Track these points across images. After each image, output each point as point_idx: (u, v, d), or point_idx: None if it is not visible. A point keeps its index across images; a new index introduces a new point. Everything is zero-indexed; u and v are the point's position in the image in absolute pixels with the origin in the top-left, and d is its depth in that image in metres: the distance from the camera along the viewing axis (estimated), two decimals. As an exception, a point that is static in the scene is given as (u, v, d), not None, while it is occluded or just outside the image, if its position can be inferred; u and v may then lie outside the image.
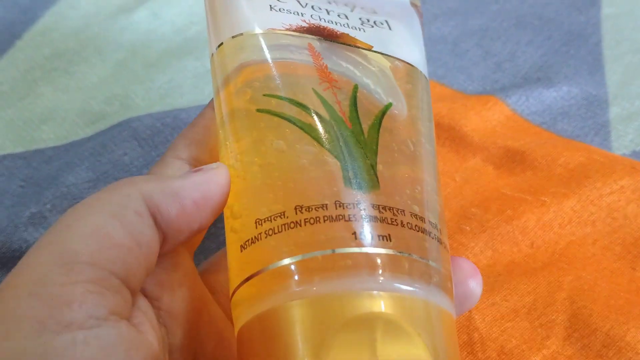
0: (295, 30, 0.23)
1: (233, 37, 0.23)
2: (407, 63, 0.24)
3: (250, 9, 0.23)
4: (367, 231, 0.19)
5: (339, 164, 0.20)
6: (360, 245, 0.19)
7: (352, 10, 0.25)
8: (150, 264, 0.20)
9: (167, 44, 0.46)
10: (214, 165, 0.21)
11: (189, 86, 0.43)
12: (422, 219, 0.20)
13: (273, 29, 0.23)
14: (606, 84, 0.42)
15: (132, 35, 0.47)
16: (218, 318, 0.23)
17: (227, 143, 0.22)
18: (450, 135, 0.37)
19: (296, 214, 0.19)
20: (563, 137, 0.38)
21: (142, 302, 0.20)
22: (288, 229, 0.19)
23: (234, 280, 0.20)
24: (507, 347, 0.27)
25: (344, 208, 0.19)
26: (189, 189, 0.20)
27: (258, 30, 0.23)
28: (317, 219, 0.19)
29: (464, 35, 0.46)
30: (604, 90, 0.41)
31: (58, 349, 0.16)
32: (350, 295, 0.18)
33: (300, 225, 0.19)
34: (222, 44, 0.23)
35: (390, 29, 0.25)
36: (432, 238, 0.20)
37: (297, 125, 0.21)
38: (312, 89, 0.22)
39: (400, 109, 0.23)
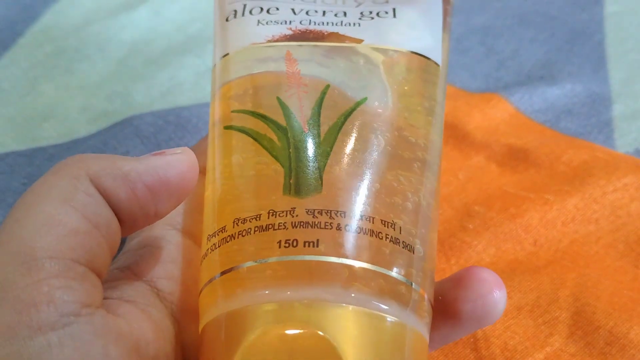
0: (277, 40, 0.23)
1: (222, 57, 0.23)
2: (407, 51, 0.23)
3: (239, 28, 0.24)
4: (292, 239, 0.18)
5: (283, 171, 0.20)
6: (284, 254, 0.18)
7: (358, 5, 0.25)
8: (113, 243, 0.19)
9: (168, 42, 0.46)
10: (178, 149, 0.20)
11: (191, 84, 0.43)
12: (371, 220, 0.19)
13: (254, 44, 0.23)
14: (609, 81, 0.41)
15: (133, 33, 0.47)
16: None
17: (208, 162, 0.22)
18: (453, 133, 0.37)
19: (233, 227, 0.19)
20: (566, 135, 0.38)
21: (134, 292, 0.20)
22: (225, 242, 0.19)
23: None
24: (510, 343, 0.27)
25: (276, 217, 0.19)
26: (142, 173, 0.19)
27: (240, 48, 0.23)
28: (249, 230, 0.19)
29: (467, 32, 0.46)
30: (607, 88, 0.41)
31: (33, 354, 0.16)
32: (258, 309, 0.18)
33: (235, 238, 0.19)
34: (215, 65, 0.24)
35: (394, 16, 0.24)
36: (382, 239, 0.19)
37: (253, 138, 0.21)
38: (277, 97, 0.21)
39: (381, 102, 0.22)
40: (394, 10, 0.24)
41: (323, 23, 0.24)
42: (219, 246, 0.19)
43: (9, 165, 0.37)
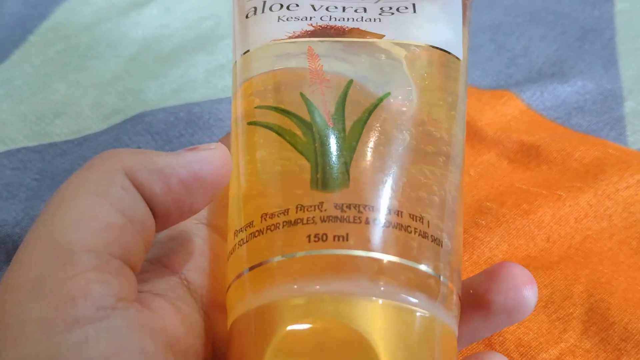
0: (298, 37, 0.23)
1: (242, 54, 0.23)
2: (428, 46, 0.23)
3: (259, 25, 0.24)
4: (322, 233, 0.18)
5: (309, 166, 0.20)
6: (313, 248, 0.18)
7: (377, 1, 0.25)
8: (148, 239, 0.19)
9: (179, 39, 0.47)
10: (212, 145, 0.20)
11: (201, 81, 0.43)
12: (399, 214, 0.19)
13: (275, 40, 0.23)
14: (621, 78, 0.41)
15: (145, 31, 0.47)
16: None
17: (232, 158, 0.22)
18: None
19: (261, 222, 0.19)
20: (578, 132, 0.38)
21: (164, 285, 0.20)
22: (253, 237, 0.19)
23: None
24: (524, 339, 0.27)
25: (304, 211, 0.19)
26: (176, 167, 0.19)
27: (260, 45, 0.23)
28: (277, 225, 0.19)
29: (478, 30, 0.46)
30: (618, 84, 0.41)
31: (70, 348, 0.16)
32: (288, 303, 0.18)
33: (263, 233, 0.19)
34: (235, 62, 0.24)
35: (414, 11, 0.24)
36: (410, 232, 0.19)
37: (277, 133, 0.21)
38: (300, 93, 0.21)
39: (405, 97, 0.22)
40: (413, 5, 0.24)
41: (343, 19, 0.24)
42: (246, 241, 0.19)
43: (21, 161, 0.37)
